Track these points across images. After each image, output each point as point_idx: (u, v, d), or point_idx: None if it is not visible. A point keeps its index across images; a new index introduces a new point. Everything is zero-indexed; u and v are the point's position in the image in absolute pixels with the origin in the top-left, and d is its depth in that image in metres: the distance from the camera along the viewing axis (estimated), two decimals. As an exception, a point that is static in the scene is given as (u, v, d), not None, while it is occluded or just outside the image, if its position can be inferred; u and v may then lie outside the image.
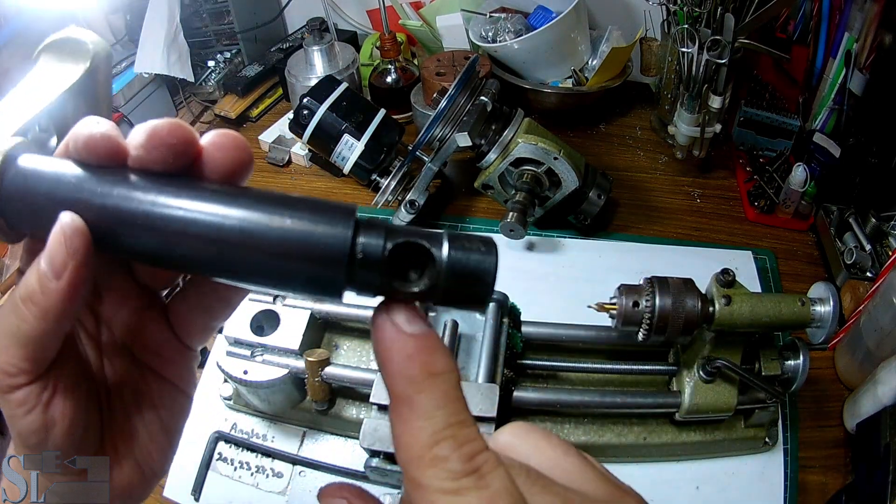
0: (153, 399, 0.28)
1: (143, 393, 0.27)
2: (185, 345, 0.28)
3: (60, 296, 0.21)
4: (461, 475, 0.18)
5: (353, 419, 0.62)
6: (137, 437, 0.27)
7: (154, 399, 0.28)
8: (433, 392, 0.19)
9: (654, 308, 0.53)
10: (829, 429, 0.66)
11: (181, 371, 0.28)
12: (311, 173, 0.98)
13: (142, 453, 0.27)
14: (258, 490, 0.62)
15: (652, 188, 0.94)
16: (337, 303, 0.19)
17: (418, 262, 0.20)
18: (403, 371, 0.19)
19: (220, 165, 0.22)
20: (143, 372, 0.28)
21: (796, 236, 0.86)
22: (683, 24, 0.81)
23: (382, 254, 0.19)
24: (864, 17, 0.81)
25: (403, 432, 0.19)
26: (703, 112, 0.84)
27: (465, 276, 0.20)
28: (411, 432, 0.19)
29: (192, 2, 1.05)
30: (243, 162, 0.22)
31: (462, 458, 0.18)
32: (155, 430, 0.27)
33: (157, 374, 0.28)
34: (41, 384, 0.22)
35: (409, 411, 0.19)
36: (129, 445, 0.27)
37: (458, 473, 0.18)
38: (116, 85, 0.96)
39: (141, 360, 0.27)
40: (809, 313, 0.55)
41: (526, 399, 0.58)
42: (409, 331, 0.20)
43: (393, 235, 0.19)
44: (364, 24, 1.20)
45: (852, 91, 0.84)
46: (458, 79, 0.76)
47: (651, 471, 0.62)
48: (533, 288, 0.78)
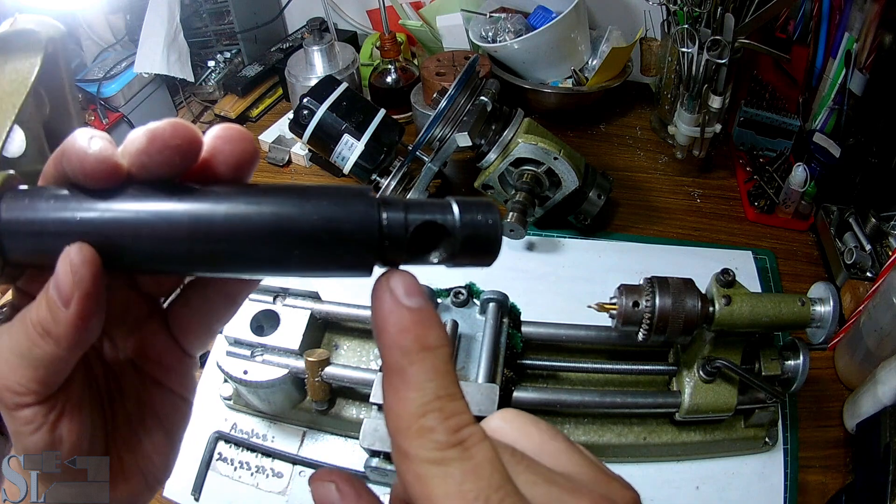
0: (156, 408, 0.27)
1: (146, 403, 0.27)
2: (185, 352, 0.28)
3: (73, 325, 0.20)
4: (446, 446, 0.19)
5: (353, 419, 0.62)
6: (141, 446, 0.27)
7: (157, 408, 0.27)
8: (424, 365, 0.20)
9: (654, 308, 0.53)
10: (829, 429, 0.66)
11: (182, 379, 0.28)
12: (311, 173, 0.98)
13: (145, 462, 0.27)
14: (258, 490, 0.62)
15: (652, 188, 0.94)
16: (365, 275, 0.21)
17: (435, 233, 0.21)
18: (398, 342, 0.20)
19: (228, 157, 0.21)
20: (146, 382, 0.27)
21: (796, 236, 0.86)
22: (683, 24, 0.81)
23: (406, 229, 0.20)
24: (864, 17, 0.81)
25: (394, 402, 0.20)
26: (703, 112, 0.84)
27: (477, 243, 0.21)
28: (401, 402, 0.19)
29: (192, 2, 1.05)
30: (250, 154, 0.22)
31: (448, 430, 0.19)
32: (158, 438, 0.27)
33: (159, 384, 0.28)
34: (49, 405, 0.22)
35: (401, 382, 0.20)
36: (133, 455, 0.26)
37: (443, 444, 0.19)
38: (117, 85, 0.96)
39: (143, 370, 0.27)
40: (809, 313, 0.55)
41: (526, 399, 0.58)
42: (407, 304, 0.20)
43: (412, 210, 0.21)
44: (364, 24, 1.20)
45: (852, 91, 0.84)
46: (458, 79, 0.76)
47: (651, 471, 0.62)
48: (533, 288, 0.78)
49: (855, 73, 0.83)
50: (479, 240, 0.21)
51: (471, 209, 0.21)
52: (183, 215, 0.20)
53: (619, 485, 0.22)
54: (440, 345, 0.20)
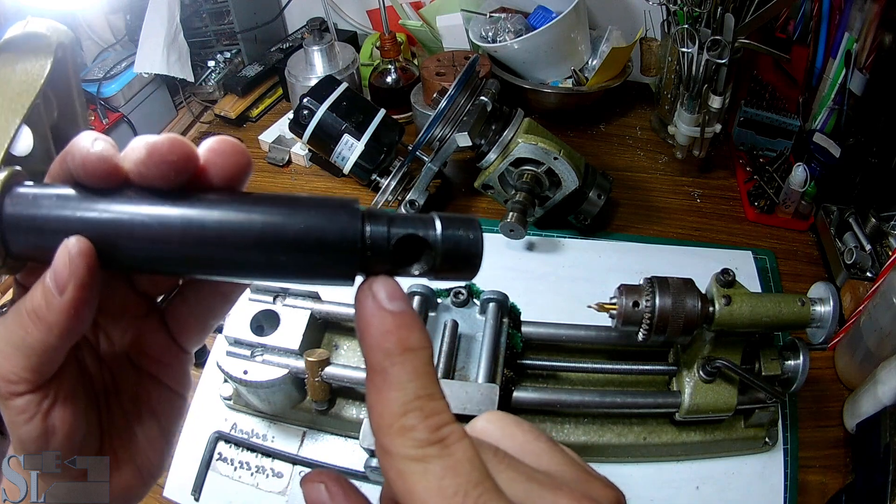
0: (151, 403, 0.28)
1: (142, 398, 0.28)
2: (181, 348, 0.28)
3: (65, 312, 0.21)
4: (426, 444, 0.19)
5: (353, 419, 0.62)
6: (136, 441, 0.27)
7: (153, 404, 0.28)
8: (406, 366, 0.20)
9: (654, 308, 0.53)
10: (829, 429, 0.66)
11: (178, 374, 0.29)
12: (311, 173, 0.98)
13: (140, 457, 0.27)
14: (258, 490, 0.62)
15: (652, 188, 0.94)
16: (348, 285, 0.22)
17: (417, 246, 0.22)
18: (381, 344, 0.21)
19: (221, 170, 0.22)
20: (142, 378, 0.28)
21: (796, 236, 0.86)
22: (683, 24, 0.81)
23: (388, 242, 0.21)
24: (864, 17, 0.81)
25: (377, 401, 0.20)
26: (703, 112, 0.84)
27: (457, 258, 0.22)
28: (383, 402, 0.20)
29: (192, 2, 1.05)
30: (244, 166, 0.23)
31: (428, 429, 0.20)
32: (153, 433, 0.28)
33: (154, 379, 0.28)
34: (42, 393, 0.23)
35: (383, 382, 0.20)
36: (128, 450, 0.27)
37: (423, 442, 0.19)
38: (117, 85, 0.96)
39: (140, 366, 0.28)
40: (809, 313, 0.55)
41: (526, 399, 0.58)
42: (390, 308, 0.21)
43: (395, 224, 0.22)
44: (364, 24, 1.20)
45: (852, 91, 0.84)
46: (458, 79, 0.76)
47: (651, 471, 0.62)
48: (533, 288, 0.78)
49: (855, 73, 0.83)
50: (459, 254, 0.22)
51: (453, 224, 0.22)
52: (175, 220, 0.21)
53: (601, 483, 0.22)
54: (421, 347, 0.21)
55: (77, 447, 0.24)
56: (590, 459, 0.61)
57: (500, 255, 0.83)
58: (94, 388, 0.26)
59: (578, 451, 0.65)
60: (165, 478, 0.63)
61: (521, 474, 0.21)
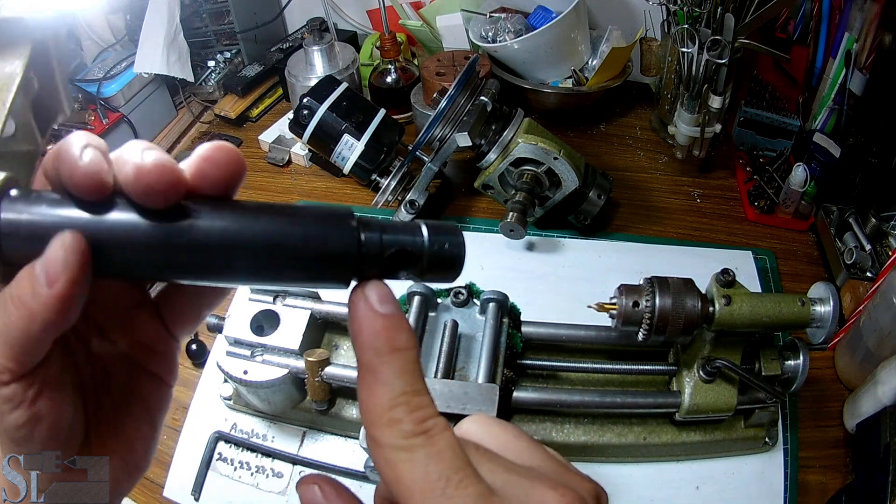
0: (140, 392, 0.28)
1: (132, 387, 0.28)
2: (173, 337, 0.29)
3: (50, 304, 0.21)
4: (412, 435, 0.21)
5: (353, 419, 0.62)
6: (124, 430, 0.27)
7: (143, 393, 0.28)
8: (394, 364, 0.22)
9: (654, 308, 0.53)
10: (829, 429, 0.66)
11: (167, 363, 0.29)
12: (311, 173, 0.98)
13: (127, 447, 0.27)
14: (258, 490, 0.62)
15: (652, 188, 0.94)
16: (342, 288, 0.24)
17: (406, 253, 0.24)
18: (372, 343, 0.22)
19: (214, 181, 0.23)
20: (132, 367, 0.28)
21: (796, 236, 0.86)
22: (683, 24, 0.81)
23: (382, 251, 0.23)
24: (864, 17, 0.81)
25: (367, 397, 0.22)
26: (703, 112, 0.84)
27: (442, 262, 0.24)
28: (373, 397, 0.22)
29: (192, 2, 1.05)
30: (237, 175, 0.23)
31: (414, 421, 0.21)
32: (141, 422, 0.28)
33: (145, 369, 0.28)
34: (27, 381, 0.22)
35: (373, 378, 0.22)
36: (117, 440, 0.27)
37: (409, 433, 0.21)
38: (116, 85, 0.96)
39: (129, 354, 0.28)
40: (809, 313, 0.55)
41: (526, 399, 0.58)
42: (381, 310, 0.22)
43: (386, 232, 0.23)
44: (364, 24, 1.20)
45: (852, 91, 0.84)
46: (458, 79, 0.76)
47: (651, 471, 0.62)
48: (533, 288, 0.78)
49: (855, 73, 0.83)
50: (444, 259, 0.24)
51: (438, 233, 0.24)
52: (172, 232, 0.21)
53: (581, 477, 0.24)
54: (408, 347, 0.23)
55: (64, 435, 0.24)
56: (590, 459, 0.62)
57: (500, 255, 0.83)
58: (82, 376, 0.26)
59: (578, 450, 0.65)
60: (165, 478, 0.63)
61: (501, 466, 0.22)
